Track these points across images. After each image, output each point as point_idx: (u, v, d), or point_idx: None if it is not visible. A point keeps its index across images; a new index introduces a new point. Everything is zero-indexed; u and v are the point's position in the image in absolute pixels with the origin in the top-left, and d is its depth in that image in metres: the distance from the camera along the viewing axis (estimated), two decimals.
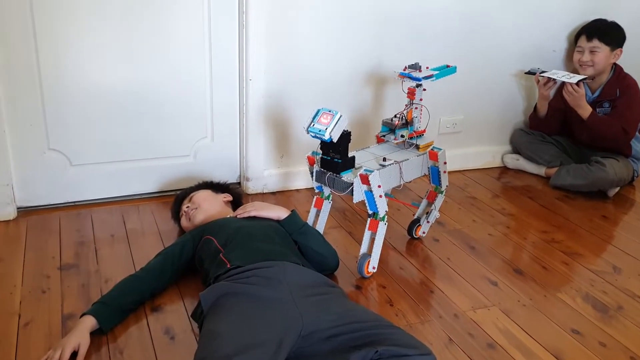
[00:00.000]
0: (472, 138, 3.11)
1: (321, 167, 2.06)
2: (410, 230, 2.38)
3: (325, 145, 2.02)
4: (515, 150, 3.19)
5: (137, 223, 2.42)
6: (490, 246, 2.35)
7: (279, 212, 2.06)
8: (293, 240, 2.01)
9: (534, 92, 3.14)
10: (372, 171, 1.98)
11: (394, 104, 2.83)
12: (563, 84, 2.88)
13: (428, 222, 2.35)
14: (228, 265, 1.74)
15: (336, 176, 2.04)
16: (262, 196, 2.74)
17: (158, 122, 2.56)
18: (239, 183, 2.80)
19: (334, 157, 2.01)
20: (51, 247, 2.21)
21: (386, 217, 2.06)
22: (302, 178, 2.78)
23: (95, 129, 2.47)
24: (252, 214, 2.04)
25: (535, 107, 3.08)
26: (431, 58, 2.80)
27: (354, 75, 2.74)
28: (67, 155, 2.47)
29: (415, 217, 2.39)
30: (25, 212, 2.47)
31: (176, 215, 2.28)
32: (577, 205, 2.76)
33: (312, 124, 1.97)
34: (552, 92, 2.99)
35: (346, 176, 2.03)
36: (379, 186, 2.01)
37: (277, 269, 1.69)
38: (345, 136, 1.99)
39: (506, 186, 2.97)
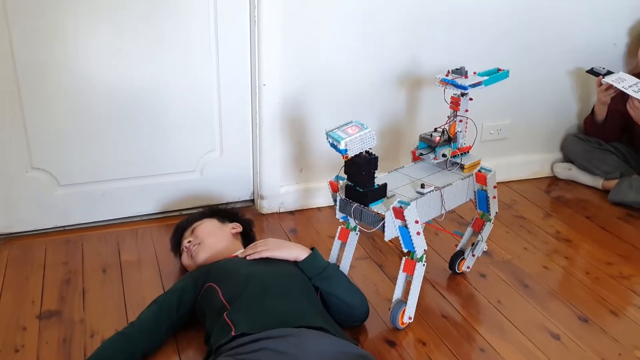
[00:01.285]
0: (519, 145, 2.73)
1: (346, 196, 1.71)
2: (452, 265, 2.03)
3: (349, 169, 1.67)
4: (567, 158, 2.80)
5: (133, 252, 2.10)
6: (546, 284, 1.99)
7: (297, 252, 1.71)
8: (314, 285, 1.67)
9: (591, 93, 2.73)
10: (407, 204, 1.62)
11: (430, 111, 2.46)
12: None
13: (474, 255, 1.99)
14: (232, 332, 1.40)
15: (364, 208, 1.69)
16: (279, 216, 2.40)
17: (159, 133, 2.22)
18: (253, 201, 2.46)
19: (356, 184, 1.66)
20: (32, 286, 1.90)
21: (424, 257, 1.71)
22: (323, 194, 2.43)
23: (86, 144, 2.13)
24: (265, 254, 1.69)
25: (593, 110, 2.68)
26: (473, 56, 2.44)
27: (384, 78, 2.37)
28: (53, 174, 2.14)
29: (459, 248, 2.03)
30: (7, 239, 2.16)
31: (176, 249, 1.95)
32: None
33: (336, 129, 1.62)
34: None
35: (377, 208, 1.67)
36: (417, 221, 1.65)
37: (294, 341, 1.35)
38: (370, 161, 1.63)
39: (558, 201, 2.59)
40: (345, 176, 1.71)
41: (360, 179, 1.64)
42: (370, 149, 1.63)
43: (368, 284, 1.96)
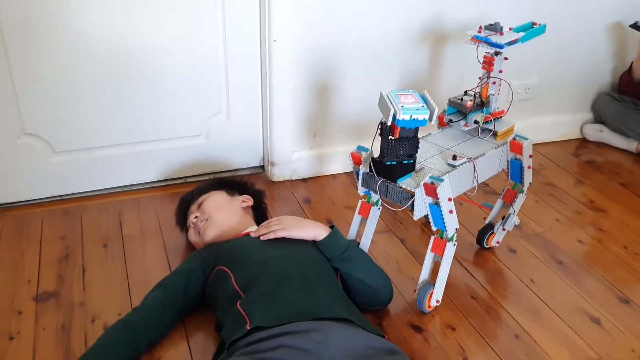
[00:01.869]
0: (547, 105, 2.54)
1: (372, 170, 1.54)
2: (480, 239, 1.87)
3: (392, 143, 1.47)
4: (599, 119, 2.61)
5: (136, 225, 1.95)
6: (582, 260, 1.84)
7: (315, 231, 1.56)
8: (333, 267, 1.53)
9: (628, 48, 2.53)
10: (441, 180, 1.46)
11: (455, 69, 2.27)
12: None
13: (504, 229, 1.83)
14: (248, 326, 1.26)
15: (391, 183, 1.52)
16: (291, 184, 2.23)
17: (160, 96, 2.03)
18: (263, 168, 2.29)
19: (404, 158, 1.48)
20: (28, 264, 1.76)
21: (455, 235, 1.55)
22: (339, 160, 2.26)
23: (81, 107, 1.96)
24: (280, 234, 1.53)
25: (631, 67, 2.48)
26: (501, 7, 2.22)
27: (407, 33, 2.16)
28: (47, 140, 1.97)
29: (487, 222, 1.87)
30: (1, 210, 2.01)
31: (182, 224, 1.79)
32: None
33: (401, 104, 1.42)
34: None
35: (405, 184, 1.51)
36: (449, 199, 1.49)
37: (316, 336, 1.20)
38: (414, 136, 1.46)
39: (589, 166, 2.42)
40: (368, 147, 1.54)
41: (414, 152, 1.47)
42: None
43: (390, 261, 1.81)
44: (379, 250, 1.85)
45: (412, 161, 1.50)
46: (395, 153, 1.47)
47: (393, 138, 1.44)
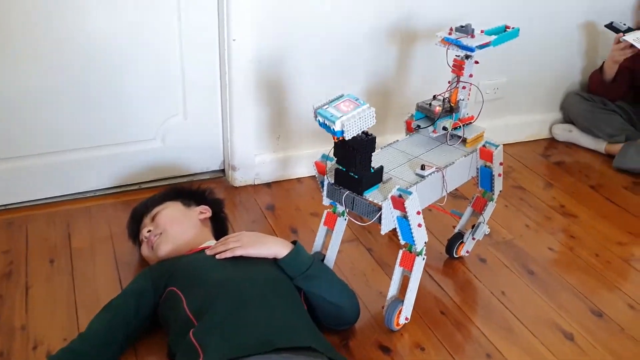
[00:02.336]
0: (516, 105, 2.48)
1: (336, 182, 1.45)
2: (450, 249, 1.80)
3: (341, 151, 1.40)
4: (568, 119, 2.56)
5: (85, 237, 1.82)
6: (554, 270, 1.78)
7: (276, 248, 1.46)
8: (296, 286, 1.43)
9: (598, 47, 2.48)
10: (409, 193, 1.38)
11: (424, 70, 2.19)
12: None
13: (474, 238, 1.76)
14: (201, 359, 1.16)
15: (357, 196, 1.43)
16: (254, 189, 2.13)
17: (112, 97, 1.91)
18: (223, 172, 2.18)
19: (348, 169, 1.40)
20: None
21: (425, 249, 1.47)
22: (304, 164, 2.16)
23: (26, 111, 1.82)
24: (238, 253, 1.43)
25: (602, 67, 2.43)
26: (471, 5, 2.15)
27: (374, 31, 2.07)
28: None
29: (457, 230, 1.80)
30: None
31: (135, 237, 1.68)
32: None
33: (326, 106, 1.34)
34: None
35: (372, 196, 1.42)
36: (418, 212, 1.41)
37: None
38: (367, 143, 1.37)
39: (558, 168, 2.37)
40: (334, 158, 1.45)
41: (355, 165, 1.38)
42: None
43: (357, 274, 1.73)
44: (345, 261, 1.77)
45: (375, 171, 1.42)
46: (352, 162, 1.38)
47: (337, 142, 1.36)
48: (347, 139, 1.32)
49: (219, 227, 1.70)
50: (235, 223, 1.93)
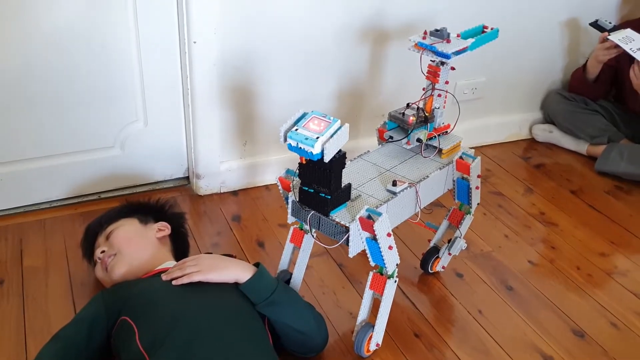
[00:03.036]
0: (495, 105, 2.38)
1: (301, 201, 1.35)
2: (425, 264, 1.71)
3: (307, 169, 1.30)
4: (548, 119, 2.48)
5: (39, 254, 1.71)
6: (533, 285, 1.70)
7: (237, 272, 1.35)
8: (259, 313, 1.33)
9: (581, 45, 2.39)
10: (379, 214, 1.28)
11: (398, 70, 2.08)
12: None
13: (450, 254, 1.67)
14: None
15: (323, 216, 1.33)
16: (220, 197, 2.02)
17: (64, 103, 1.78)
18: (187, 179, 2.07)
19: (320, 190, 1.30)
20: None
21: (396, 271, 1.38)
22: (272, 170, 2.05)
23: None
24: (196, 278, 1.32)
25: (585, 66, 2.34)
26: (447, 2, 2.05)
27: (344, 31, 1.96)
28: None
29: (432, 245, 1.71)
30: None
31: (89, 256, 1.56)
32: (637, 204, 2.10)
33: (295, 127, 1.24)
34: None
35: (339, 216, 1.32)
36: (389, 234, 1.32)
37: None
38: (339, 160, 1.27)
39: (538, 171, 2.28)
40: (298, 174, 1.34)
41: (329, 185, 1.27)
42: None
43: (326, 292, 1.63)
44: (314, 278, 1.67)
45: (342, 189, 1.32)
46: (326, 182, 1.28)
47: (302, 163, 1.26)
48: (326, 161, 1.21)
49: (179, 244, 1.59)
50: (199, 235, 1.82)
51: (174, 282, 1.33)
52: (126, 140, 1.91)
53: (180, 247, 1.59)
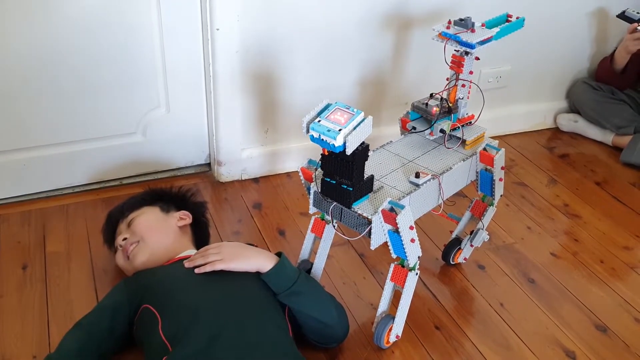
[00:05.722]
0: (520, 94, 2.35)
1: (323, 192, 1.34)
2: (446, 255, 1.70)
3: (329, 160, 1.29)
4: (574, 108, 2.44)
5: (61, 239, 1.72)
6: (556, 278, 1.68)
7: (259, 261, 1.35)
8: (280, 302, 1.34)
9: (609, 34, 2.34)
10: (401, 206, 1.27)
11: (421, 58, 2.06)
12: None
13: (472, 245, 1.66)
14: None
15: (345, 208, 1.33)
16: (241, 185, 2.02)
17: (89, 89, 1.79)
18: (209, 166, 2.07)
19: (342, 182, 1.29)
20: None
21: (418, 263, 1.37)
22: (294, 158, 2.05)
23: None
24: (219, 267, 1.33)
25: (613, 55, 2.29)
26: None
27: (367, 18, 1.93)
28: None
29: (454, 236, 1.70)
30: None
31: (110, 242, 1.58)
32: None
33: (318, 119, 1.23)
34: None
35: (361, 208, 1.31)
36: (411, 227, 1.31)
37: None
38: (362, 152, 1.26)
39: (562, 162, 2.25)
40: (320, 165, 1.33)
41: (352, 177, 1.26)
42: None
43: (347, 282, 1.63)
44: (334, 268, 1.67)
45: (365, 181, 1.30)
46: (348, 174, 1.27)
47: (325, 155, 1.26)
48: (348, 153, 1.20)
49: (200, 234, 1.59)
50: (220, 222, 1.83)
51: (196, 271, 1.33)
52: (148, 127, 1.92)
53: (201, 237, 1.60)
